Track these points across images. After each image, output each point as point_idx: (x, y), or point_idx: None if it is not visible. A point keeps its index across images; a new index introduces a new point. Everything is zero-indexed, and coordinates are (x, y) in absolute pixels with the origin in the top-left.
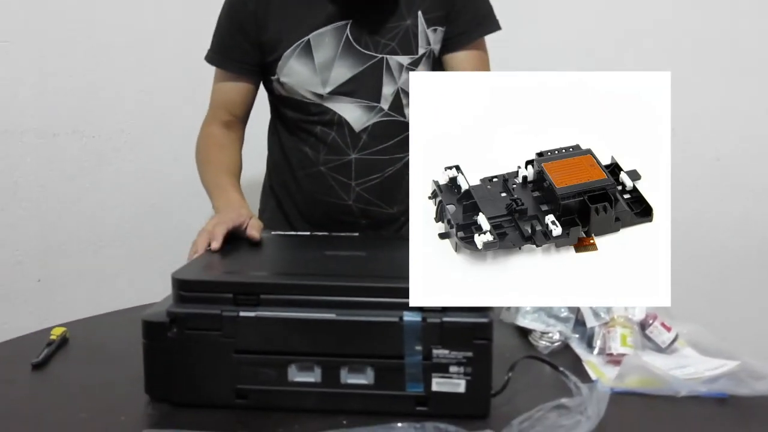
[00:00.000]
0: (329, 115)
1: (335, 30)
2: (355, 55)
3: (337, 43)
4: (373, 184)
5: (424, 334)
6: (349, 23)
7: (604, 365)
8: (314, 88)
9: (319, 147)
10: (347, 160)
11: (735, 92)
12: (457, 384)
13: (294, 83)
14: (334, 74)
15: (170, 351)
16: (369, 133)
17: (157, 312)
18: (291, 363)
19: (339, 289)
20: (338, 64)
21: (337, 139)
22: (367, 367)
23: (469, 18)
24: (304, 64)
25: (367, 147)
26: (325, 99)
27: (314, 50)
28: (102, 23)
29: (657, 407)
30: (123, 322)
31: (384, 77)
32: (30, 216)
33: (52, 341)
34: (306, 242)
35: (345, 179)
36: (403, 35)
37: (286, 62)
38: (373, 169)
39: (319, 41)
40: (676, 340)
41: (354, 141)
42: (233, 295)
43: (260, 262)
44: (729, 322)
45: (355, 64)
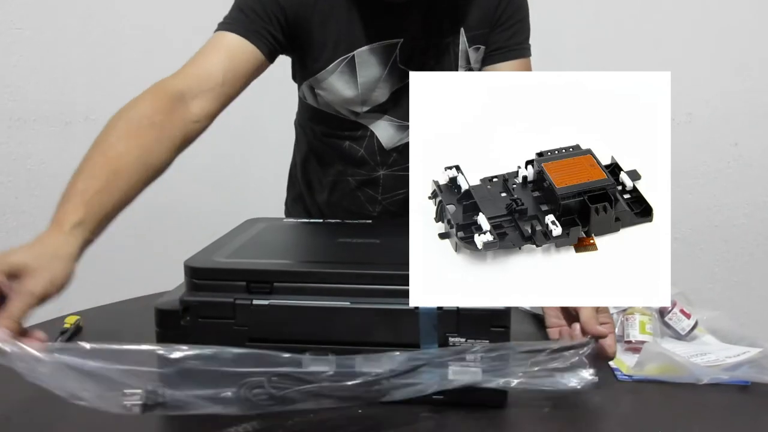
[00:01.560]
0: (361, 131)
1: (384, 48)
2: (399, 75)
3: (384, 62)
4: (400, 198)
5: (441, 322)
6: (401, 42)
7: (622, 353)
8: (352, 106)
9: (346, 159)
10: (375, 176)
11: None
12: (474, 372)
13: (331, 99)
14: (377, 94)
15: (183, 339)
16: (400, 151)
17: (170, 300)
18: (305, 351)
19: (353, 277)
20: (383, 84)
21: (366, 157)
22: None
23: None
24: (346, 82)
25: (397, 164)
26: (360, 116)
27: (358, 67)
28: (115, 10)
29: (678, 395)
30: (136, 310)
31: None
32: (42, 204)
33: (66, 329)
34: (319, 229)
35: (372, 193)
36: (444, 53)
37: (326, 77)
38: (400, 185)
39: (365, 58)
40: (695, 327)
41: (384, 158)
42: (246, 283)
43: (273, 249)
44: (749, 309)
45: (396, 83)
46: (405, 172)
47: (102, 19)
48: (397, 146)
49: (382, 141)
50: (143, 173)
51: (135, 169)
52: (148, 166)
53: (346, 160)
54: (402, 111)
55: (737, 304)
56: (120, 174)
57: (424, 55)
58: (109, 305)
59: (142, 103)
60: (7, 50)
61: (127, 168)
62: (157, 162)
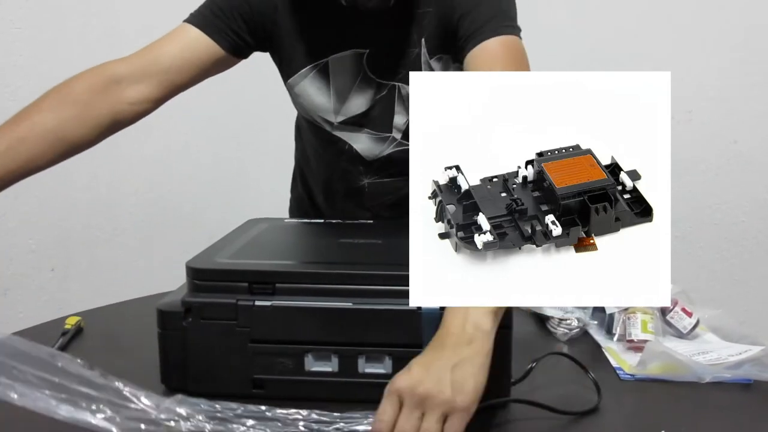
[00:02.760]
0: (339, 144)
1: (354, 56)
2: (371, 85)
3: (356, 72)
4: (389, 204)
5: None
6: (366, 52)
7: (624, 352)
8: (325, 115)
9: (332, 168)
10: (360, 186)
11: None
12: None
13: (307, 107)
14: (350, 105)
15: (186, 340)
16: (382, 162)
17: (171, 301)
18: (308, 352)
19: (356, 278)
20: (355, 95)
21: (349, 168)
22: (385, 356)
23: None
24: (318, 89)
25: (381, 173)
26: (335, 128)
27: (332, 74)
28: (115, 10)
29: (681, 394)
30: (138, 311)
31: (396, 106)
32: (43, 205)
33: (66, 331)
34: (321, 230)
35: (358, 201)
36: (413, 62)
37: (299, 81)
38: (387, 192)
39: (339, 65)
40: (697, 325)
41: (366, 168)
42: (248, 284)
43: (275, 250)
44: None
45: (370, 94)
46: (390, 179)
47: (102, 19)
48: (378, 158)
49: (362, 153)
50: (54, 145)
51: (43, 138)
52: (61, 140)
53: (332, 169)
54: (381, 123)
55: (737, 302)
56: (25, 141)
57: (395, 65)
58: (110, 306)
59: (76, 81)
60: (7, 50)
61: (35, 137)
62: (73, 137)
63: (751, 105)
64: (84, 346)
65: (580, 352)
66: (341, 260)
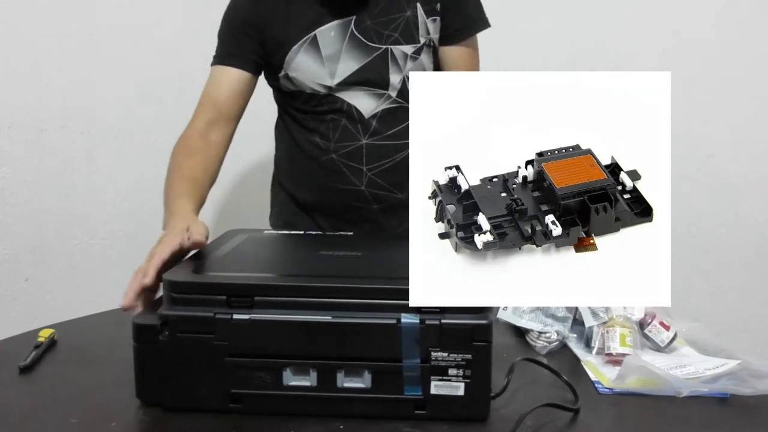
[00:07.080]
0: (339, 104)
1: (340, 25)
2: (361, 48)
3: (342, 37)
4: (384, 169)
5: (423, 337)
6: (353, 18)
7: (603, 365)
8: (323, 80)
9: (329, 135)
10: (358, 146)
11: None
12: (456, 387)
13: (302, 77)
14: (342, 67)
15: (162, 355)
16: (378, 118)
17: (148, 314)
18: (286, 366)
19: (335, 291)
20: (345, 56)
21: (348, 126)
22: (364, 371)
23: (463, 15)
24: (311, 58)
25: (378, 133)
26: (334, 90)
27: (321, 45)
28: (92, 17)
29: (658, 408)
30: (113, 323)
31: (390, 66)
32: (17, 213)
33: (40, 343)
34: (301, 242)
35: (357, 165)
36: (405, 25)
37: (294, 56)
38: (383, 155)
39: (325, 36)
40: (675, 338)
41: (364, 127)
42: (226, 297)
43: (254, 262)
44: (725, 319)
45: (361, 55)
46: (387, 141)
47: (78, 25)
48: (375, 113)
49: (360, 109)
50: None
51: (203, 171)
52: (208, 168)
53: (330, 136)
54: (374, 80)
55: (714, 314)
56: (193, 176)
57: (379, 26)
58: (85, 318)
59: (188, 136)
60: None
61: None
62: (210, 164)
63: (727, 119)
64: (57, 360)
65: (558, 365)
66: (320, 273)
